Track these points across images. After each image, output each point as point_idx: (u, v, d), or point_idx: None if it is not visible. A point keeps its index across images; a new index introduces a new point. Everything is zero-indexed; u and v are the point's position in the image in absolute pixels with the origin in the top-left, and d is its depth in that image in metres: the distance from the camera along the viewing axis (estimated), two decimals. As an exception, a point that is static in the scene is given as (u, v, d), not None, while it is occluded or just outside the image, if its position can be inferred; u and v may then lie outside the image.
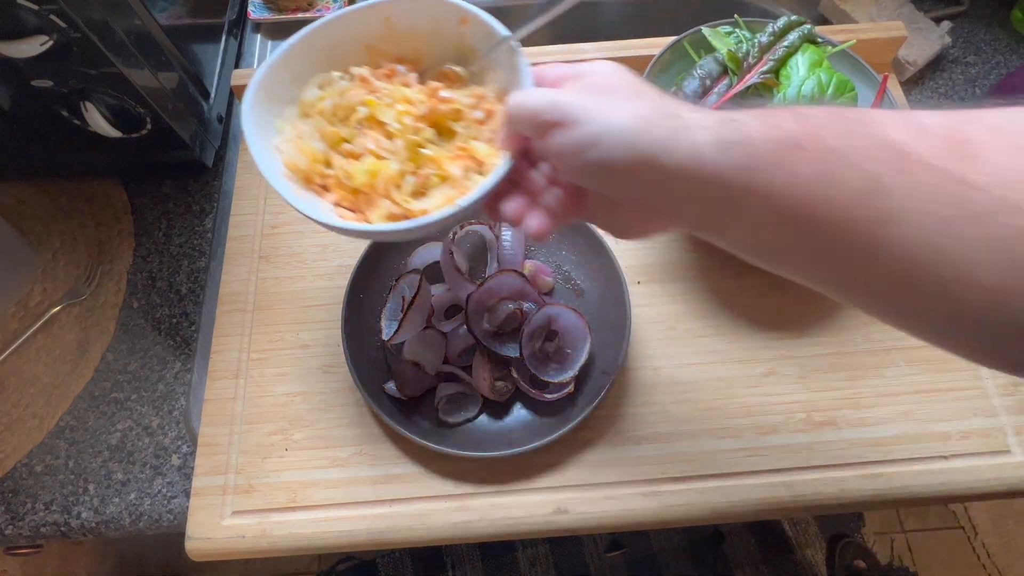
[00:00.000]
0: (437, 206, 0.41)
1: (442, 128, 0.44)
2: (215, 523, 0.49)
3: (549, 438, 0.48)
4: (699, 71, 0.53)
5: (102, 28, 0.48)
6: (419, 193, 0.43)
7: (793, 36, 0.52)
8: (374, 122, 0.44)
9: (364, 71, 0.46)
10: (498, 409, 0.53)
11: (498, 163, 0.38)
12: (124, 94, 0.54)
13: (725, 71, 0.53)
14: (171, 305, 0.61)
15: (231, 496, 0.50)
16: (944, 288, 0.25)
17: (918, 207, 0.25)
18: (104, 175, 0.67)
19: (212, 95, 0.66)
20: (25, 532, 0.52)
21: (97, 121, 0.55)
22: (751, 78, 0.51)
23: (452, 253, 0.54)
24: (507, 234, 0.57)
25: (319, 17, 0.86)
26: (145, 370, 0.58)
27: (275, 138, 0.45)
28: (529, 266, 0.57)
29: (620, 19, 0.87)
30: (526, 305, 0.53)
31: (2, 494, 0.53)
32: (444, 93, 0.44)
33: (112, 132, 0.57)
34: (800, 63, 0.50)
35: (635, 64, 0.66)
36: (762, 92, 0.51)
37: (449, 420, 0.51)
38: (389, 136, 0.43)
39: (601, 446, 0.51)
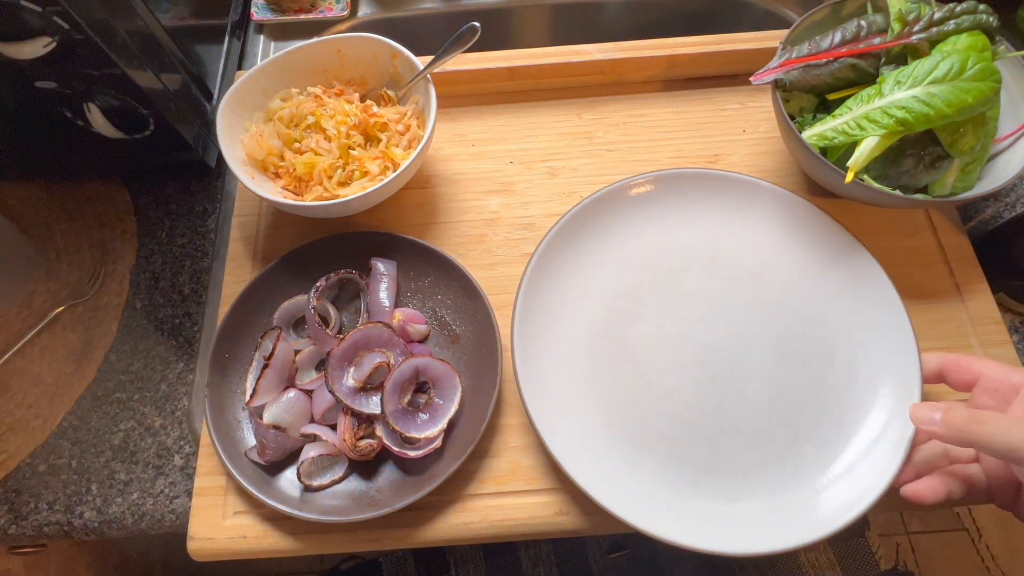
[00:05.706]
0: (354, 192, 0.54)
1: (371, 136, 0.58)
2: (217, 523, 0.49)
3: (412, 498, 0.46)
4: (864, 21, 0.53)
5: (105, 29, 0.48)
6: (344, 183, 0.56)
7: (967, 19, 0.51)
8: (319, 127, 0.57)
9: (317, 90, 0.59)
10: (366, 468, 0.50)
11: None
12: (127, 95, 0.54)
13: (886, 30, 0.52)
14: (174, 305, 0.61)
15: (233, 496, 0.50)
16: None
17: None
18: (107, 176, 0.68)
19: (215, 96, 0.66)
20: (28, 532, 0.52)
21: (100, 122, 0.55)
22: (907, 39, 0.50)
23: (314, 307, 0.52)
24: (377, 284, 0.55)
25: (322, 18, 0.86)
26: (148, 370, 0.58)
27: (242, 134, 0.57)
28: (399, 315, 0.53)
29: (621, 19, 0.87)
30: (394, 357, 0.50)
31: (6, 494, 0.53)
32: (375, 109, 0.58)
33: (115, 133, 0.57)
34: (959, 43, 0.49)
35: (637, 64, 0.66)
36: (908, 53, 0.51)
37: (314, 484, 0.48)
38: (329, 139, 0.56)
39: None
